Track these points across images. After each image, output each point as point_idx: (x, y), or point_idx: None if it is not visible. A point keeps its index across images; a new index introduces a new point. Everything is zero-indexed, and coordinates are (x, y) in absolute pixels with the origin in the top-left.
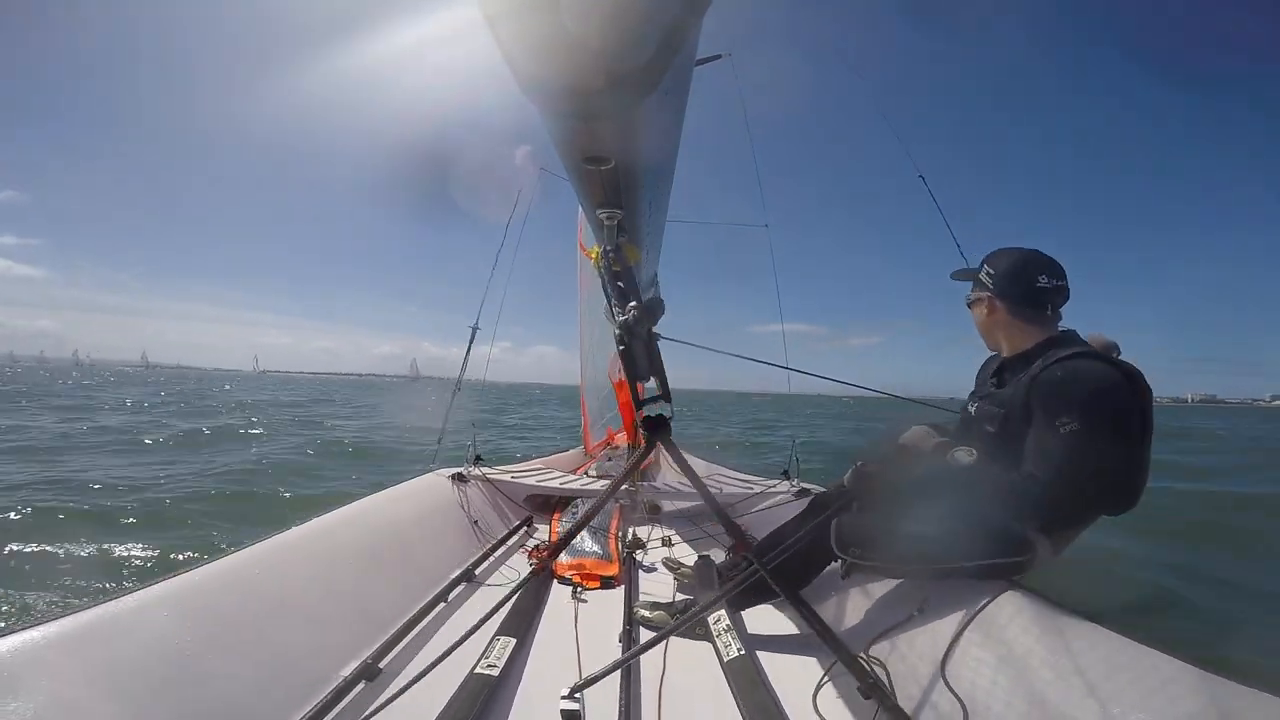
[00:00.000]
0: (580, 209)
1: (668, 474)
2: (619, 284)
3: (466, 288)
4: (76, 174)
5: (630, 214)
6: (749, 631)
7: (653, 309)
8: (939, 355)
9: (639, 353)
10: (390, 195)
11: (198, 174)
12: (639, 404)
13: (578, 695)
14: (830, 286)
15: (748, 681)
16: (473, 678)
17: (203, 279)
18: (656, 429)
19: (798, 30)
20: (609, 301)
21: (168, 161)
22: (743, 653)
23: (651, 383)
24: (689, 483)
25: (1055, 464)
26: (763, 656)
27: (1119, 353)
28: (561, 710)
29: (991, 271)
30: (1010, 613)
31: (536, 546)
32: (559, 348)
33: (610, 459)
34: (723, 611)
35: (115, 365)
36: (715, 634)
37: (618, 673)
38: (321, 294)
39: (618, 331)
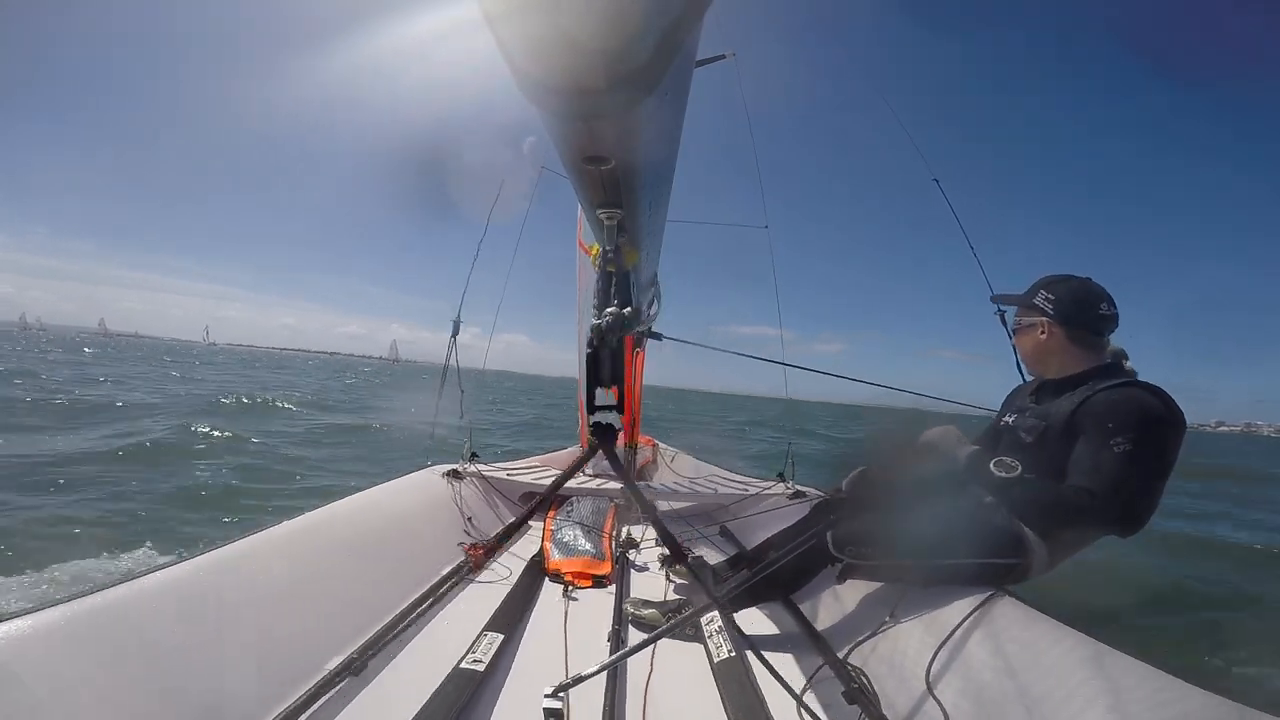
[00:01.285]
0: (580, 206)
1: (664, 475)
2: (613, 285)
3: (441, 275)
4: (32, 136)
5: (630, 214)
6: (742, 633)
7: (631, 322)
8: (894, 365)
9: (604, 359)
10: (365, 181)
11: (169, 147)
12: (591, 409)
13: (561, 695)
14: (802, 292)
15: (735, 683)
16: (456, 673)
17: (166, 249)
18: (604, 436)
19: (799, 30)
20: (603, 301)
21: (136, 131)
22: (733, 654)
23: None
24: (684, 484)
25: (1110, 480)
26: (753, 658)
27: (1127, 359)
28: (544, 709)
29: (1051, 298)
30: (997, 619)
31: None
32: (530, 337)
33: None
34: (716, 612)
35: (71, 331)
36: (707, 634)
37: (646, 658)
38: (284, 270)
39: (590, 334)
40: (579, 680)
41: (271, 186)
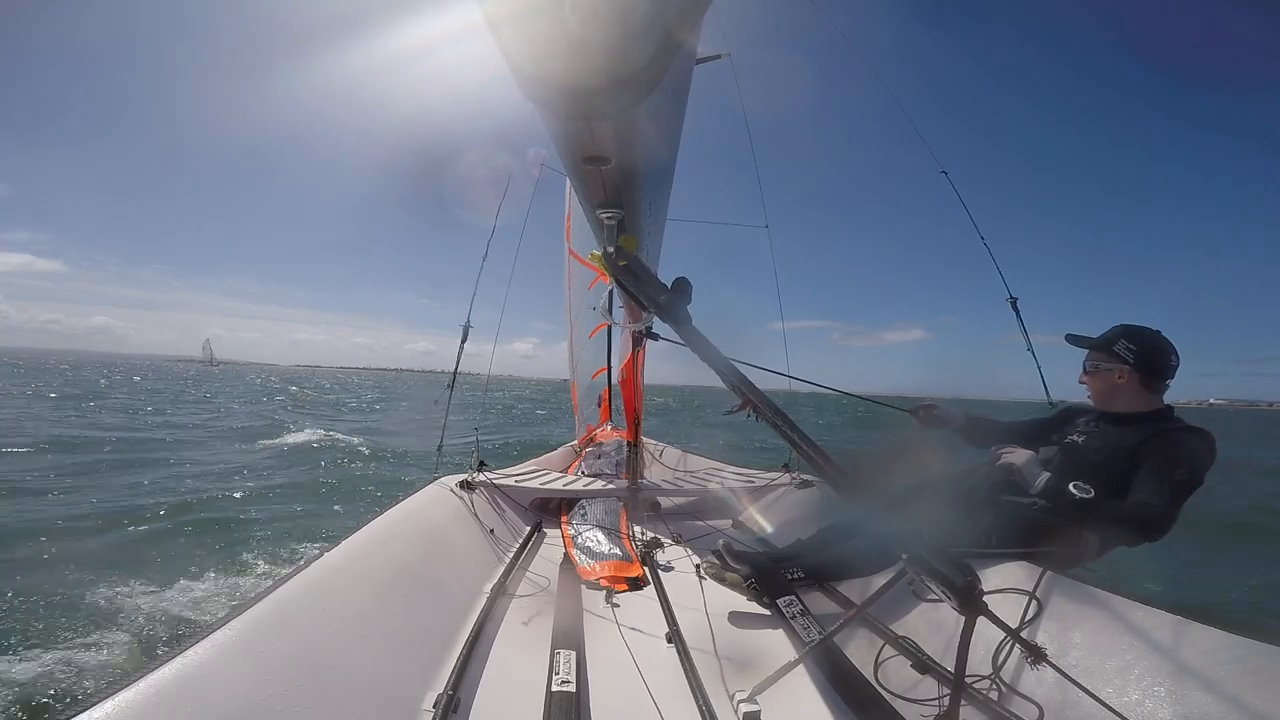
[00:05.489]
0: (567, 211)
1: (657, 470)
2: (636, 279)
3: (455, 280)
4: (73, 170)
5: (630, 214)
6: (814, 618)
7: (682, 290)
8: (980, 352)
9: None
10: (372, 188)
11: (185, 170)
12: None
13: (757, 698)
14: (855, 283)
15: (829, 660)
16: (554, 697)
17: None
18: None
19: (801, 29)
20: (637, 301)
21: (160, 157)
22: (821, 634)
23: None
24: (688, 479)
25: (1166, 498)
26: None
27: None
28: (744, 714)
29: (1132, 348)
30: (1054, 594)
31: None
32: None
33: (599, 456)
34: (794, 597)
35: (177, 359)
36: (789, 616)
37: (711, 655)
38: (297, 282)
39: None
40: (772, 681)
41: (268, 193)
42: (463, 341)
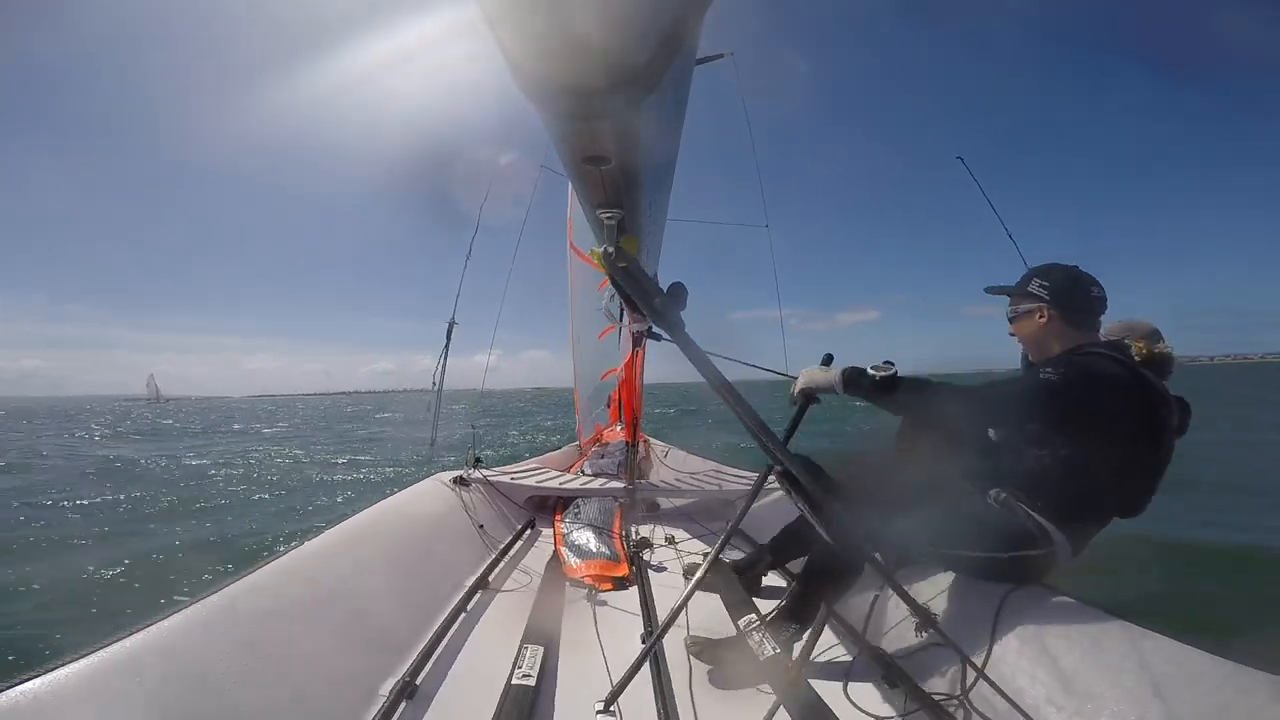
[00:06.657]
0: (570, 211)
1: (662, 471)
2: (634, 281)
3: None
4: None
5: (630, 214)
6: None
7: (677, 295)
8: (935, 325)
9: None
10: (324, 206)
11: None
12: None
13: (613, 707)
14: (816, 269)
15: (785, 677)
16: (510, 689)
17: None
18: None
19: (800, 28)
20: (631, 304)
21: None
22: (777, 651)
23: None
24: (686, 481)
25: (1020, 388)
26: (796, 652)
27: (1161, 340)
28: None
29: (1045, 284)
30: (1028, 605)
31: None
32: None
33: (603, 455)
34: (753, 614)
35: (118, 399)
36: (746, 633)
37: (683, 658)
38: (249, 309)
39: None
40: (621, 688)
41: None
42: (448, 340)
